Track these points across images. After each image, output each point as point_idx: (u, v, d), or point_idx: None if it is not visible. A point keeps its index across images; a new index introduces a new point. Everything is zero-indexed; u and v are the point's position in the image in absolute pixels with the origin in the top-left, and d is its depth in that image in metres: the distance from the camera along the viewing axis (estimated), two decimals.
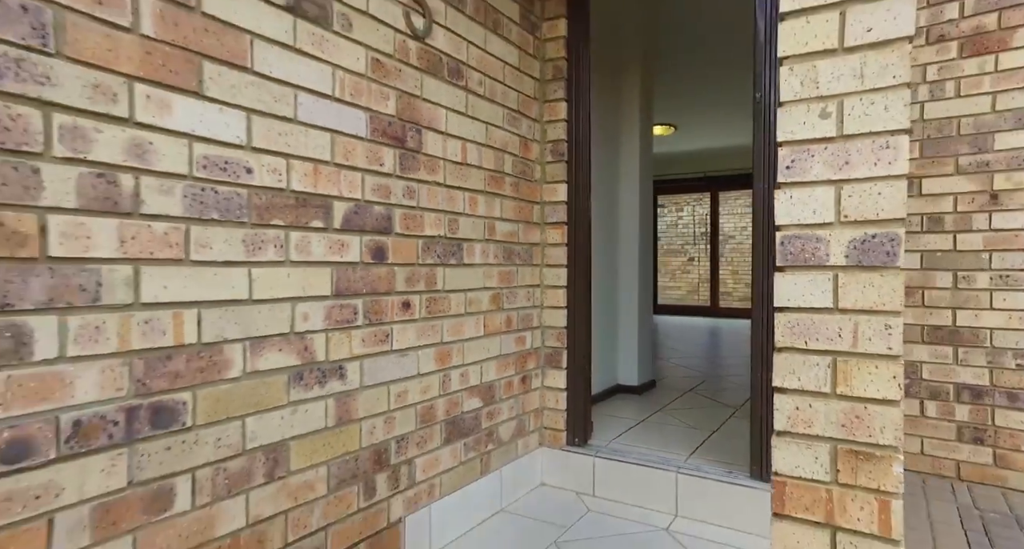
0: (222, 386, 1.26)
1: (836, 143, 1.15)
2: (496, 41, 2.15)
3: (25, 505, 0.96)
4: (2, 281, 0.93)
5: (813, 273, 1.17)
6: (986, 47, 2.50)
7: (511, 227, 2.26)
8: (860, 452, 1.12)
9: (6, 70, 0.92)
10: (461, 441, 2.00)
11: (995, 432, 2.49)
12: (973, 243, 2.54)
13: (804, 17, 1.17)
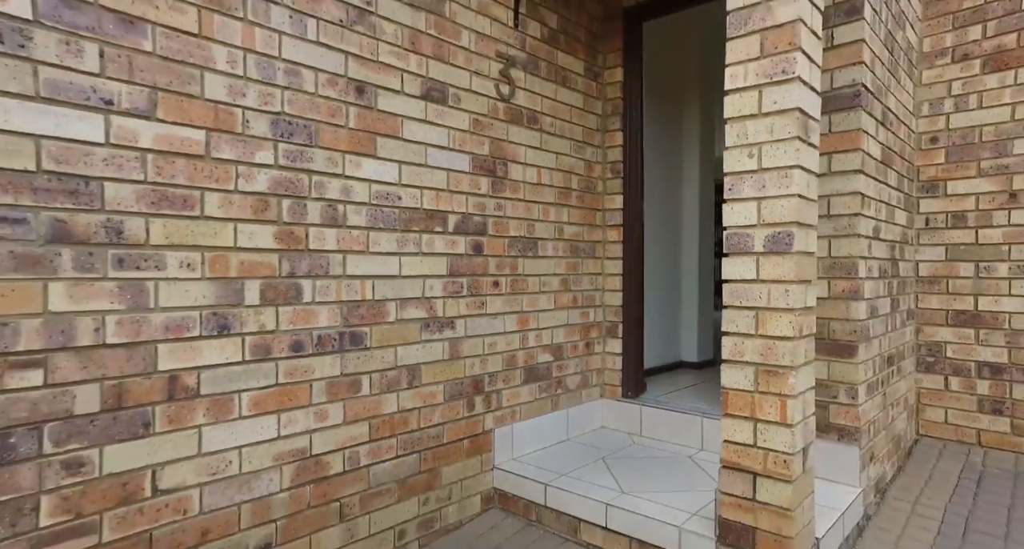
0: (384, 326, 2.15)
1: (757, 174, 1.78)
2: (564, 91, 2.91)
3: (299, 375, 1.89)
4: (293, 260, 1.86)
5: (745, 257, 1.81)
6: (1006, 63, 2.84)
7: (577, 229, 3.00)
8: (770, 371, 1.76)
9: (295, 159, 1.86)
10: (536, 383, 2.78)
11: (1012, 404, 2.82)
12: (993, 237, 2.88)
13: (738, 94, 1.81)
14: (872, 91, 2.40)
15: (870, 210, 2.42)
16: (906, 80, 2.91)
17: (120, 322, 1.51)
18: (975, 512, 2.32)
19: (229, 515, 1.72)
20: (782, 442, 1.74)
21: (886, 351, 2.64)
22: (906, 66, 2.90)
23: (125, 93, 1.50)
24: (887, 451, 2.63)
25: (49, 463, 1.40)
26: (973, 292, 2.95)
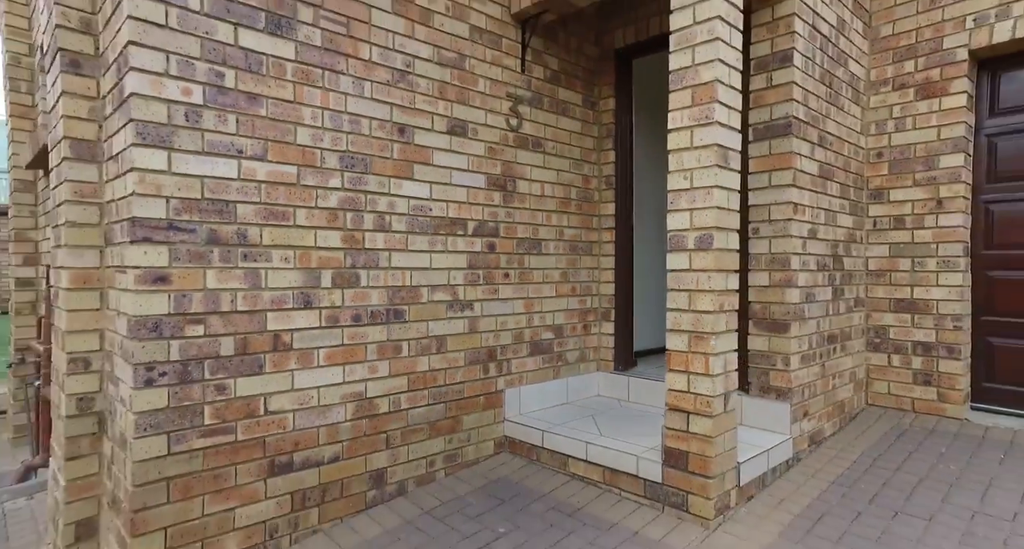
0: (418, 305, 2.87)
1: (689, 191, 2.43)
2: (565, 120, 3.59)
3: (358, 339, 2.62)
4: (354, 256, 2.60)
5: (681, 253, 2.46)
6: (933, 92, 3.39)
7: (575, 231, 3.67)
8: (699, 336, 2.40)
9: (355, 183, 2.59)
10: (540, 356, 3.47)
11: (938, 376, 3.36)
12: (925, 237, 3.43)
13: (677, 132, 2.46)
14: (805, 120, 3.00)
15: (804, 216, 3.02)
16: (851, 106, 3.48)
17: (245, 296, 2.27)
18: (885, 454, 2.89)
19: (311, 433, 2.47)
20: (706, 388, 2.38)
21: (826, 331, 3.22)
22: (851, 94, 3.47)
23: (249, 144, 2.27)
24: (826, 412, 3.21)
25: (207, 385, 2.16)
26: (910, 283, 3.49)
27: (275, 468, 2.36)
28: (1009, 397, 3.32)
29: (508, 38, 3.25)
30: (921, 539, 2.19)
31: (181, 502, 2.12)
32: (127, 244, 2.05)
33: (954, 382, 3.32)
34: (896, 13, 3.53)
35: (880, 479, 2.67)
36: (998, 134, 3.38)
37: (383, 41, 2.68)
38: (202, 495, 2.16)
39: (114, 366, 2.23)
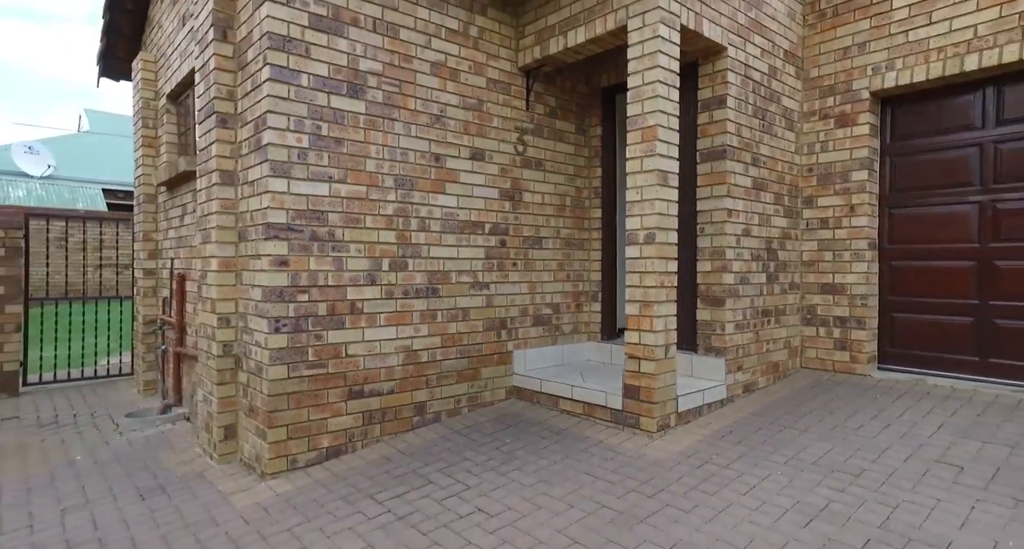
0: (449, 285, 3.94)
1: (640, 202, 3.45)
2: (561, 145, 4.63)
3: (406, 308, 3.71)
4: (404, 249, 3.68)
5: (635, 245, 3.48)
6: (847, 122, 4.33)
7: (569, 231, 4.70)
8: (646, 304, 3.42)
9: (404, 197, 3.68)
10: (541, 326, 4.51)
11: (851, 343, 4.31)
12: (842, 235, 4.38)
13: (631, 160, 3.49)
14: (738, 147, 3.98)
15: (738, 219, 4.00)
16: (785, 132, 4.44)
17: (332, 275, 3.37)
18: (796, 397, 3.86)
19: (375, 372, 3.56)
20: (651, 341, 3.40)
21: (760, 307, 4.19)
22: (784, 123, 4.43)
23: (335, 173, 3.36)
24: (760, 369, 4.18)
25: (310, 334, 3.27)
26: (832, 271, 4.44)
27: (352, 394, 3.45)
28: (907, 359, 4.25)
29: (516, 85, 4.30)
30: (794, 439, 3.17)
31: (295, 410, 3.22)
32: (261, 240, 3.17)
33: (862, 347, 4.26)
34: (820, 60, 4.48)
35: (784, 411, 3.65)
36: (896, 155, 4.31)
37: (424, 95, 3.76)
38: (308, 407, 3.27)
39: (248, 322, 3.35)
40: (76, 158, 16.28)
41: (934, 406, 3.56)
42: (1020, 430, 3.09)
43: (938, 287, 4.12)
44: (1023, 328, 3.77)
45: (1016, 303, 3.79)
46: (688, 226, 4.11)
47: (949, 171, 4.07)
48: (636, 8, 3.45)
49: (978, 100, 3.94)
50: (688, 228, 4.12)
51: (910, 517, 2.34)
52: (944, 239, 4.10)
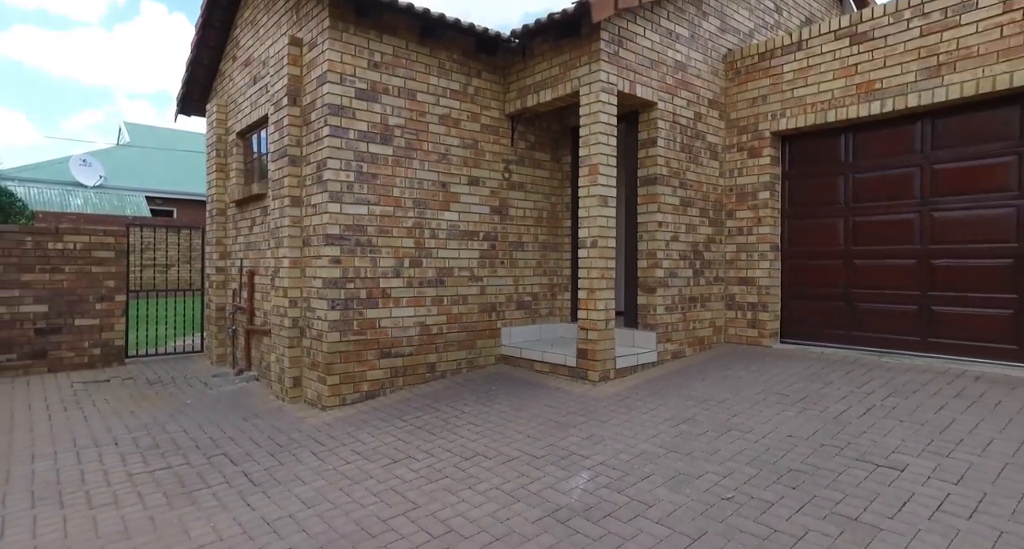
0: (452, 277, 5.35)
1: (588, 217, 4.84)
2: (539, 171, 6.03)
3: (421, 293, 5.12)
4: (420, 251, 5.10)
5: (584, 248, 4.88)
6: (755, 154, 5.69)
7: (546, 237, 6.10)
8: (591, 289, 4.81)
9: (420, 214, 5.10)
10: (523, 310, 5.91)
11: (759, 323, 5.65)
12: (752, 240, 5.73)
13: (581, 187, 4.88)
14: (668, 175, 5.35)
15: (668, 228, 5.37)
16: (710, 161, 5.79)
17: (369, 270, 4.79)
18: (712, 361, 5.22)
19: (399, 340, 4.98)
20: (595, 316, 4.77)
21: (687, 295, 5.55)
22: (709, 155, 5.78)
23: (371, 198, 4.79)
24: (687, 342, 5.54)
25: (355, 311, 4.69)
26: (746, 267, 5.78)
27: (383, 354, 4.87)
28: (800, 334, 5.58)
29: (503, 127, 5.71)
30: (692, 385, 4.53)
31: (344, 364, 4.65)
32: (322, 246, 4.60)
33: (767, 326, 5.60)
34: (737, 106, 5.84)
35: (696, 369, 5.02)
36: (792, 179, 5.66)
37: (434, 139, 5.18)
38: (353, 362, 4.69)
39: (311, 303, 4.78)
40: (120, 169, 17.95)
41: (799, 364, 4.90)
42: (842, 376, 4.43)
43: (819, 280, 5.46)
44: (875, 309, 5.09)
45: (869, 290, 5.12)
46: (631, 234, 5.50)
47: (826, 193, 5.41)
48: (585, 79, 4.85)
49: (840, 142, 5.28)
50: (631, 235, 5.50)
51: (740, 420, 3.71)
52: (823, 243, 5.44)
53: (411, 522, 2.70)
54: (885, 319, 5.03)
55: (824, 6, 7.38)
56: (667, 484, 2.92)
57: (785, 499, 2.69)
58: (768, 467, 3.03)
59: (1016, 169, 4.33)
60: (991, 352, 4.45)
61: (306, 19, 4.86)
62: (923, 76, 4.59)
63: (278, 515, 2.84)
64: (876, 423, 3.48)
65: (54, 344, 6.23)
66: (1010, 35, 4.17)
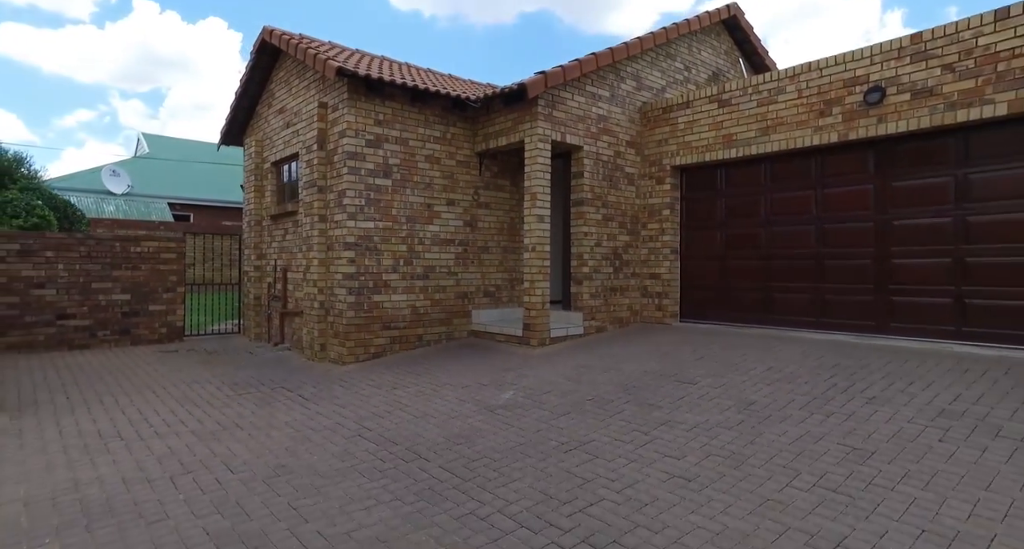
0: (434, 273, 7.34)
1: (531, 230, 6.84)
2: (502, 193, 8.01)
3: (412, 284, 7.10)
4: (411, 253, 7.08)
5: (527, 252, 6.87)
6: (660, 181, 7.70)
7: (507, 243, 8.08)
8: (532, 281, 6.81)
9: (412, 227, 7.09)
10: (488, 297, 7.89)
11: (664, 307, 7.67)
12: (658, 245, 7.74)
13: (526, 208, 6.88)
14: (591, 197, 7.34)
15: (592, 237, 7.36)
16: (628, 186, 7.78)
17: (374, 267, 6.77)
18: (626, 334, 7.22)
19: (396, 317, 6.95)
20: (534, 300, 6.76)
21: (608, 285, 7.54)
22: (627, 181, 7.78)
23: (377, 215, 6.77)
24: (609, 320, 7.53)
25: (365, 296, 6.67)
26: (655, 266, 7.77)
27: (385, 327, 6.85)
28: (693, 315, 7.57)
29: (473, 161, 7.69)
30: (603, 347, 6.51)
31: (357, 333, 6.62)
32: (342, 250, 6.58)
33: (669, 309, 7.60)
34: (649, 145, 7.83)
35: (610, 338, 7.00)
36: (687, 201, 7.66)
37: (421, 174, 7.16)
38: (364, 332, 6.67)
39: (334, 291, 6.75)
40: (143, 178, 19.85)
41: (682, 334, 6.89)
42: (702, 339, 6.41)
43: (706, 275, 7.46)
44: (741, 296, 7.09)
45: (738, 282, 7.11)
46: (566, 241, 7.50)
47: (709, 211, 7.42)
48: (527, 132, 6.83)
49: (717, 175, 7.28)
50: (566, 242, 7.50)
51: (620, 364, 5.69)
52: (708, 248, 7.44)
53: (403, 411, 4.69)
54: (746, 303, 7.03)
55: (729, 61, 9.40)
56: (557, 395, 4.92)
57: (622, 400, 4.68)
58: (622, 387, 5.02)
59: (814, 199, 6.35)
60: (803, 323, 6.45)
61: (330, 89, 6.84)
62: (760, 133, 6.60)
63: (325, 410, 4.83)
64: (698, 363, 5.48)
65: (134, 324, 8.19)
66: (801, 113, 6.19)
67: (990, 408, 3.79)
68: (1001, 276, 5.11)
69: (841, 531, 2.57)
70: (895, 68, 5.49)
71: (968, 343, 5.22)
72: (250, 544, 2.61)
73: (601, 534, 2.66)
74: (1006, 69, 4.82)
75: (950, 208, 5.41)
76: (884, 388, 4.35)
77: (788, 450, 3.48)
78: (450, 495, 3.12)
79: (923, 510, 2.70)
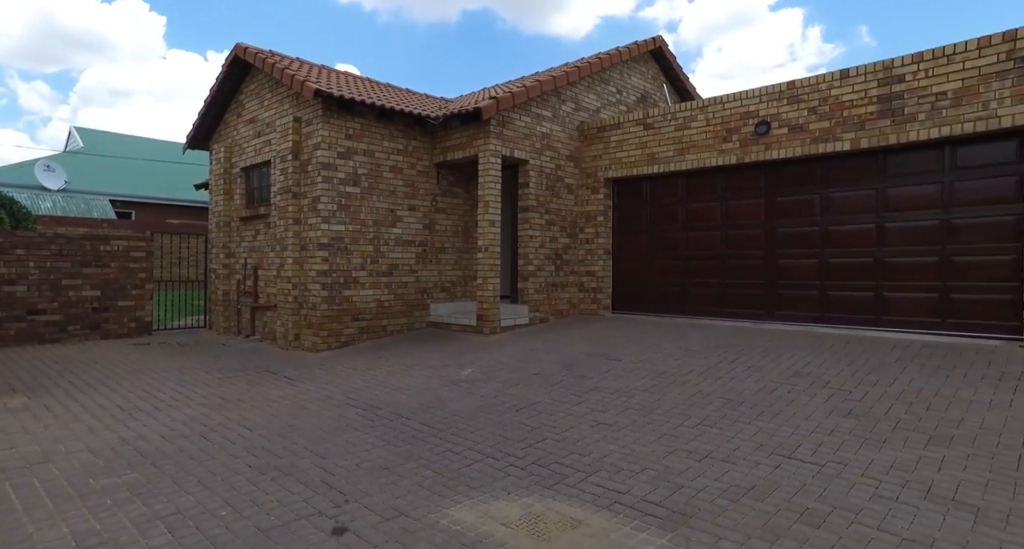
0: (398, 270, 8.20)
1: (483, 232, 7.85)
2: (456, 200, 8.96)
3: (377, 281, 7.96)
4: (377, 252, 7.93)
5: (479, 253, 7.88)
6: (595, 191, 8.88)
7: (463, 245, 9.05)
8: (484, 277, 7.82)
9: (378, 229, 7.94)
10: (445, 292, 8.84)
11: (599, 301, 8.85)
12: (594, 247, 8.92)
13: (480, 214, 7.88)
14: (536, 205, 8.42)
15: (536, 240, 8.44)
16: (567, 195, 8.91)
17: (345, 265, 7.59)
18: (565, 322, 8.34)
19: (364, 310, 7.79)
20: (486, 295, 7.76)
21: (550, 282, 8.65)
22: (567, 191, 8.90)
23: (347, 219, 7.58)
24: (551, 312, 8.63)
25: (336, 291, 7.48)
26: (590, 264, 8.94)
27: (354, 319, 7.67)
28: (624, 308, 8.78)
29: (432, 171, 8.61)
30: (543, 334, 7.60)
31: (330, 324, 7.42)
32: (316, 250, 7.36)
33: (603, 302, 8.78)
34: (586, 160, 8.99)
35: (550, 327, 8.09)
36: (618, 209, 8.86)
37: (387, 183, 8.02)
38: (336, 323, 7.47)
39: (307, 287, 7.51)
40: (81, 174, 19.43)
41: (612, 323, 8.07)
42: (629, 327, 7.61)
43: (635, 272, 8.69)
44: (664, 291, 8.35)
45: (661, 279, 8.37)
46: (514, 243, 8.55)
47: (637, 218, 8.65)
48: (481, 148, 7.82)
49: (643, 187, 8.53)
50: (514, 244, 8.55)
51: (561, 347, 6.79)
52: (636, 249, 8.67)
53: (380, 386, 5.59)
54: (667, 296, 8.30)
55: (655, 86, 10.72)
56: (508, 371, 5.94)
57: (562, 373, 5.76)
58: (562, 364, 6.10)
59: (720, 210, 7.68)
60: (711, 312, 7.77)
61: (304, 106, 7.59)
62: (677, 153, 7.88)
63: (312, 387, 5.66)
64: (624, 345, 6.65)
65: (104, 319, 8.60)
66: (709, 138, 7.51)
67: (826, 370, 5.11)
68: (851, 273, 6.55)
69: (709, 449, 3.73)
70: (777, 107, 6.86)
71: (828, 326, 6.64)
72: (285, 471, 3.49)
73: (545, 458, 3.70)
74: (849, 115, 6.24)
75: (817, 220, 6.83)
76: (760, 359, 5.64)
77: (684, 403, 4.65)
78: (430, 440, 4.09)
79: (765, 434, 3.90)
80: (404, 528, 2.77)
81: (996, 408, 4.06)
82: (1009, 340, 5.51)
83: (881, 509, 2.82)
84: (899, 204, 6.24)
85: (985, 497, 2.88)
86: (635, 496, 3.09)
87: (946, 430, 3.76)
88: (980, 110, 5.49)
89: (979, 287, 5.77)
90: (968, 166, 5.82)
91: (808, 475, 3.25)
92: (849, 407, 4.27)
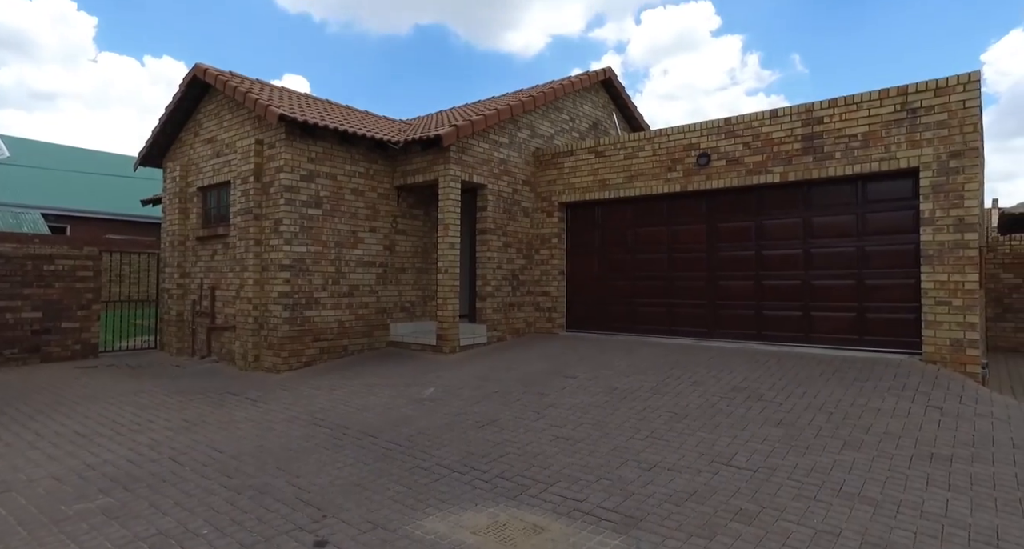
0: (358, 291, 8.35)
1: (444, 253, 8.12)
2: (416, 222, 9.20)
3: (339, 301, 8.08)
4: (338, 273, 8.06)
5: (441, 274, 8.13)
6: (550, 215, 9.30)
7: (421, 265, 9.27)
8: (444, 299, 8.07)
9: (340, 250, 8.08)
10: (405, 312, 9.02)
11: (553, 319, 9.23)
12: (548, 268, 9.31)
13: (440, 236, 8.15)
14: (494, 228, 8.76)
15: (493, 262, 8.76)
16: (524, 218, 9.30)
17: (307, 286, 7.70)
18: (522, 341, 8.66)
19: (326, 330, 7.89)
20: (446, 315, 8.00)
21: (507, 302, 8.97)
22: (523, 214, 9.29)
23: (309, 241, 7.71)
24: (509, 331, 8.94)
25: (298, 312, 7.56)
26: (546, 285, 9.32)
27: (315, 339, 7.75)
28: (576, 326, 9.19)
29: (392, 194, 8.83)
30: (501, 354, 7.89)
31: (292, 345, 7.48)
32: (278, 271, 7.44)
33: (557, 321, 9.16)
34: (541, 185, 9.43)
35: (508, 345, 8.40)
36: (571, 232, 9.31)
37: (348, 205, 8.18)
38: (297, 343, 7.54)
39: (268, 308, 7.56)
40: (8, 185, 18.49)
41: (566, 341, 8.45)
42: (584, 344, 8.01)
43: (587, 292, 9.12)
44: (615, 309, 8.80)
45: (613, 299, 8.83)
46: (472, 264, 8.85)
47: (589, 241, 9.12)
48: (441, 173, 8.12)
49: (595, 211, 9.02)
50: (472, 265, 8.85)
51: (518, 365, 7.09)
52: (589, 271, 9.12)
53: (345, 405, 5.74)
54: (618, 315, 8.77)
55: (606, 113, 11.34)
56: (469, 389, 6.20)
57: (520, 391, 6.06)
58: (520, 381, 6.40)
59: (666, 234, 8.24)
60: (659, 331, 8.27)
61: (267, 129, 7.70)
62: (626, 180, 8.41)
63: (277, 408, 5.74)
64: (579, 363, 7.03)
65: (46, 342, 8.34)
66: (655, 167, 8.08)
67: (760, 384, 5.63)
68: (782, 294, 7.18)
69: (656, 459, 4.10)
70: (716, 141, 7.49)
71: (764, 342, 7.23)
72: (261, 491, 3.64)
73: (509, 471, 3.98)
74: (778, 151, 6.92)
75: (753, 245, 7.45)
76: (704, 375, 6.11)
77: (635, 418, 5.03)
78: (399, 457, 4.30)
79: (706, 444, 4.32)
80: (382, 539, 2.99)
81: (897, 415, 4.63)
82: (911, 354, 6.20)
83: (801, 507, 3.25)
84: (822, 232, 6.92)
85: (883, 492, 3.37)
86: (591, 503, 3.41)
87: (858, 436, 4.28)
88: (883, 152, 6.24)
89: (887, 307, 6.47)
90: (876, 200, 6.55)
91: (743, 480, 3.66)
92: (780, 417, 4.75)
